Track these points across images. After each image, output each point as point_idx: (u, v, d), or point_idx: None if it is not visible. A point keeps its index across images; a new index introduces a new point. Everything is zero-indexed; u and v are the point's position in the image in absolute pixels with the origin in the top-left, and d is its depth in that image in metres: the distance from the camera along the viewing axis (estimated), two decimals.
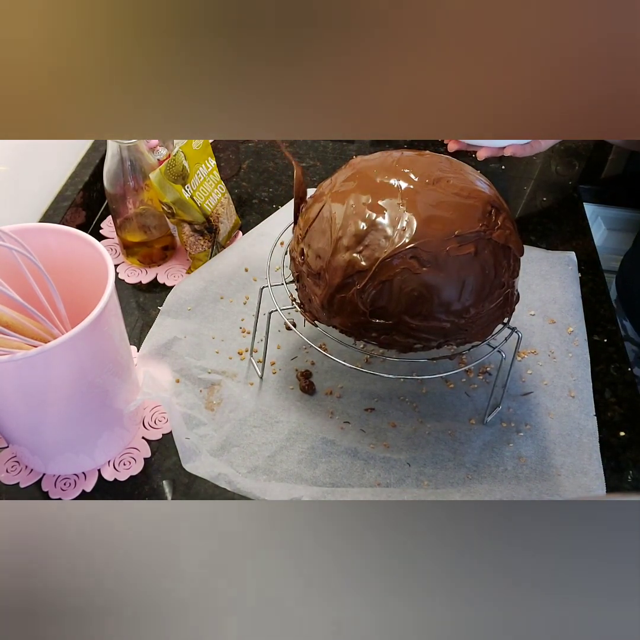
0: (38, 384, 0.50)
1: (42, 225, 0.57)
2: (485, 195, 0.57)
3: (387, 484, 0.62)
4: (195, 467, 0.62)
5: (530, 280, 0.83)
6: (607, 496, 0.61)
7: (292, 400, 0.69)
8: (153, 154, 0.75)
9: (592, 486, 0.62)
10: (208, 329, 0.75)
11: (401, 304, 0.54)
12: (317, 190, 0.62)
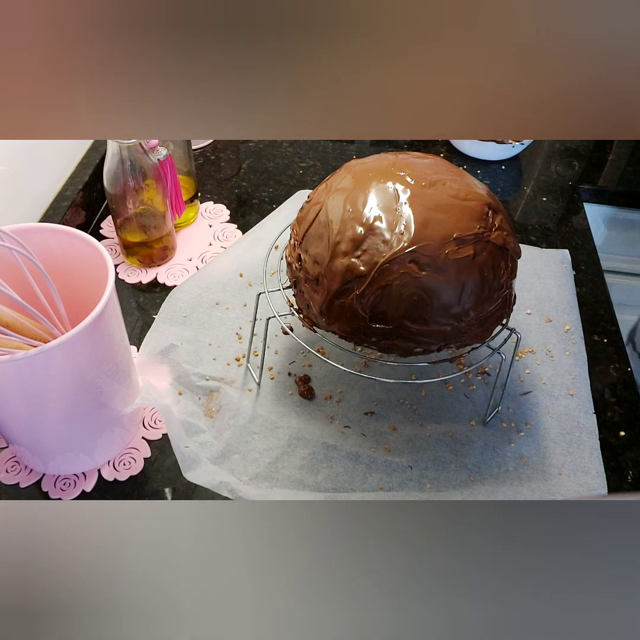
0: (38, 384, 0.50)
1: (42, 225, 0.57)
2: (482, 197, 0.57)
3: (389, 487, 0.62)
4: (196, 476, 0.61)
5: (525, 279, 0.83)
6: (608, 496, 0.61)
7: (291, 405, 0.68)
8: (153, 154, 0.75)
9: (594, 485, 0.62)
10: (204, 335, 0.75)
11: (401, 309, 0.54)
12: (313, 194, 0.62)
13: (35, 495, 0.61)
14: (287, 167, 1.02)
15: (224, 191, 0.97)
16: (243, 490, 0.61)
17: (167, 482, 0.62)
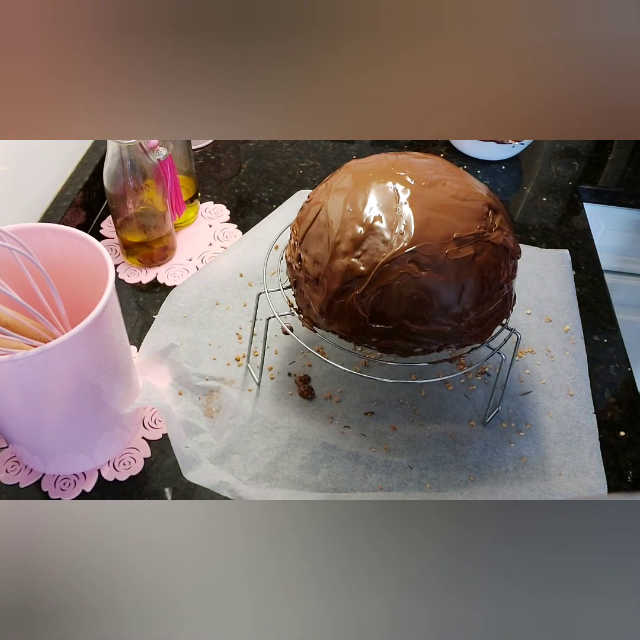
0: (38, 384, 0.50)
1: (42, 225, 0.57)
2: (482, 197, 0.57)
3: (389, 487, 0.62)
4: (196, 475, 0.61)
5: (525, 279, 0.83)
6: (608, 496, 0.61)
7: (291, 405, 0.69)
8: (153, 154, 0.75)
9: (594, 485, 0.62)
10: (204, 335, 0.75)
11: (401, 309, 0.54)
12: (313, 194, 0.62)
13: (35, 495, 0.61)
14: (287, 167, 1.02)
15: (224, 191, 0.97)
16: (243, 490, 0.61)
17: (167, 482, 0.62)
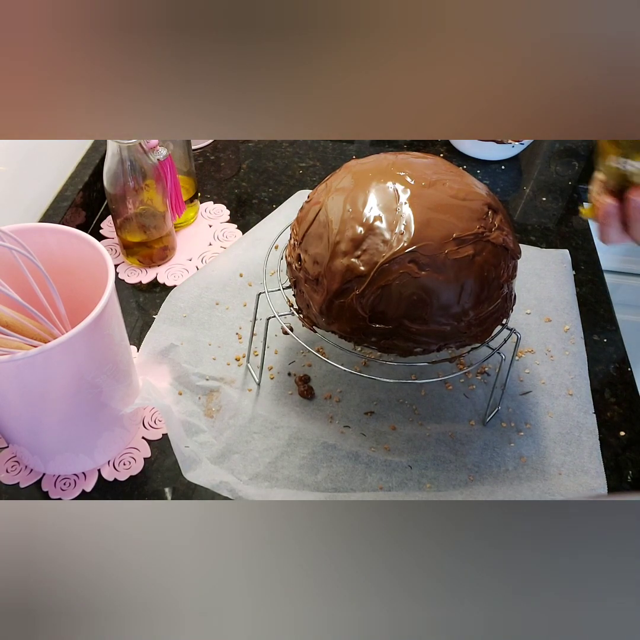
0: (38, 384, 0.50)
1: (42, 225, 0.57)
2: (482, 197, 0.57)
3: (389, 487, 0.62)
4: (196, 475, 0.61)
5: (525, 279, 0.83)
6: (608, 496, 0.61)
7: (291, 405, 0.69)
8: (153, 154, 0.75)
9: (594, 485, 0.62)
10: (204, 335, 0.75)
11: (401, 308, 0.54)
12: (313, 194, 0.62)
13: (35, 495, 0.61)
14: (287, 167, 1.02)
15: (224, 191, 0.97)
16: (243, 490, 0.61)
17: (167, 482, 0.62)
